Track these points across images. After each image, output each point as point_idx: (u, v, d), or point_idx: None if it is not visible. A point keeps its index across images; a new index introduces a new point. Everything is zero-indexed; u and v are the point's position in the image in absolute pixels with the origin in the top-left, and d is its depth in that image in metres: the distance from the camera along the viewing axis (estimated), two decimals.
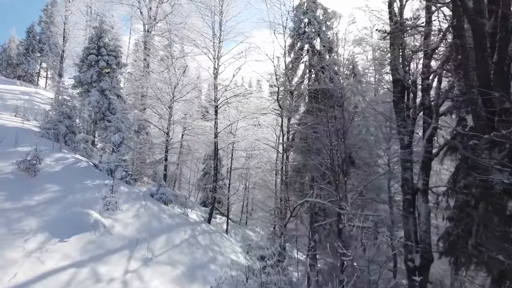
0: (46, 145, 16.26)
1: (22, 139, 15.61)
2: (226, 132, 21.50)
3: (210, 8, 21.34)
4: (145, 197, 15.93)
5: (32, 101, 29.69)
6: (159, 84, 23.70)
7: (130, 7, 28.58)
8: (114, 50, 23.68)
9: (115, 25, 25.90)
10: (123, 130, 17.45)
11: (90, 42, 23.48)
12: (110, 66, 23.17)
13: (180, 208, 17.56)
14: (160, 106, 22.60)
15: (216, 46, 20.72)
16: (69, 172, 14.53)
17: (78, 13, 34.77)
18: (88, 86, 22.73)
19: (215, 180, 20.56)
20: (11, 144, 14.58)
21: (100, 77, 22.95)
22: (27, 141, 15.62)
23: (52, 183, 12.78)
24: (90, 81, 22.61)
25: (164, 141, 21.39)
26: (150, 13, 26.06)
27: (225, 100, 20.76)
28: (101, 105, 22.22)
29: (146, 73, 24.92)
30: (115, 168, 16.74)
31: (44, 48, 57.73)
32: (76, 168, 15.40)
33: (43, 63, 59.43)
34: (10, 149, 14.28)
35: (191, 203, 21.42)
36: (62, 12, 32.57)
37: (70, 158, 16.10)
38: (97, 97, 22.13)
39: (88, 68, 22.89)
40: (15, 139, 14.98)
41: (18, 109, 23.71)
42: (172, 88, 20.94)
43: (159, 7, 26.39)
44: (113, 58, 23.42)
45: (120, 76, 24.33)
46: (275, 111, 20.96)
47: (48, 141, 17.30)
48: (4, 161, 12.81)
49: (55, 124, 18.57)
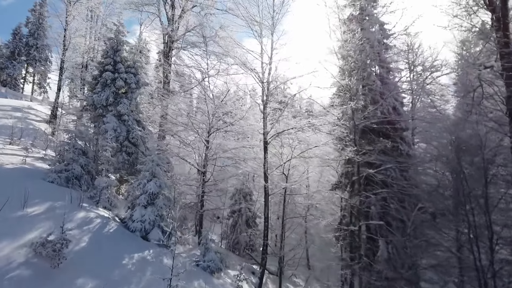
0: (60, 197, 12.28)
1: (29, 189, 11.66)
2: (278, 173, 17.75)
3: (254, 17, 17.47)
4: (192, 270, 12.12)
5: (26, 119, 25.39)
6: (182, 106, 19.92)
7: (147, 15, 24.63)
8: (133, 66, 19.78)
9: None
10: (160, 175, 13.56)
11: (105, 56, 19.47)
12: (128, 85, 19.26)
13: (231, 279, 13.72)
14: (187, 135, 18.74)
15: (266, 68, 16.97)
16: (100, 247, 10.58)
17: (78, 18, 30.55)
18: (102, 110, 18.72)
19: (265, 240, 16.16)
20: (17, 202, 10.54)
21: (117, 99, 18.99)
22: (38, 193, 11.72)
23: (84, 275, 8.83)
24: (105, 104, 18.63)
25: (198, 182, 17.44)
26: (173, 23, 22.12)
27: (275, 134, 16.91)
28: (119, 134, 18.27)
29: (166, 94, 21.01)
30: (151, 228, 12.94)
31: (31, 52, 53.18)
32: (106, 237, 11.44)
33: (29, 67, 54.68)
34: (18, 212, 10.30)
35: (225, 253, 17.52)
36: (63, 17, 28.32)
37: (94, 217, 12.11)
38: (114, 124, 18.18)
39: (102, 88, 18.90)
40: (21, 192, 10.98)
41: (13, 132, 19.55)
42: (209, 116, 17.04)
43: (183, 16, 22.47)
44: (132, 76, 19.51)
45: (139, 98, 20.37)
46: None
47: (60, 189, 13.30)
48: (13, 240, 8.84)
49: (68, 163, 14.54)
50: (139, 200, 13.11)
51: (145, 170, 13.64)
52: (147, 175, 13.50)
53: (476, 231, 10.82)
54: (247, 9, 17.52)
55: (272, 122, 16.94)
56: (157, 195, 13.31)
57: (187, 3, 22.54)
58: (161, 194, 13.45)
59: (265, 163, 16.45)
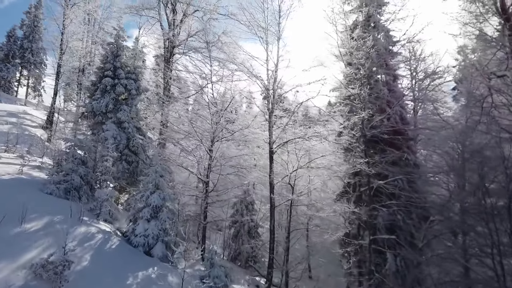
0: (59, 211, 11.71)
1: (27, 202, 11.08)
2: (284, 183, 17.16)
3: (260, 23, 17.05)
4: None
5: (22, 125, 24.67)
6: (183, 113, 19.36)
7: (147, 19, 24.07)
8: (134, 72, 19.22)
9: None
10: (164, 187, 12.99)
11: (105, 62, 18.88)
12: (129, 91, 18.68)
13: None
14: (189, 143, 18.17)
15: (272, 75, 16.49)
16: (103, 266, 10.00)
17: (76, 21, 29.87)
18: (102, 117, 18.12)
19: (272, 254, 15.49)
20: (15, 217, 9.93)
21: (117, 106, 18.40)
22: (36, 207, 11.17)
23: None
24: (105, 111, 18.03)
25: (200, 191, 16.87)
26: (174, 28, 21.58)
27: (282, 143, 16.40)
28: (119, 142, 17.66)
29: (167, 101, 20.45)
30: (155, 243, 12.38)
31: (26, 54, 52.29)
32: (109, 254, 10.86)
33: (24, 70, 53.74)
34: (15, 228, 9.73)
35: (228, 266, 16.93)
36: (60, 20, 27.62)
37: (96, 232, 11.51)
38: (113, 132, 17.59)
39: (102, 95, 18.30)
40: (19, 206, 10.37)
41: (8, 138, 18.86)
42: (213, 124, 16.48)
43: (184, 21, 21.93)
44: (132, 82, 18.93)
45: (140, 104, 19.80)
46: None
47: (59, 201, 12.71)
48: (11, 260, 8.27)
49: (66, 173, 13.94)
50: (142, 213, 12.54)
51: (148, 181, 13.07)
52: (150, 187, 12.94)
53: (500, 248, 10.35)
54: (252, 14, 17.11)
55: (279, 131, 16.41)
56: (161, 208, 12.74)
57: (188, 8, 22.04)
58: (164, 207, 12.87)
59: (271, 173, 15.90)
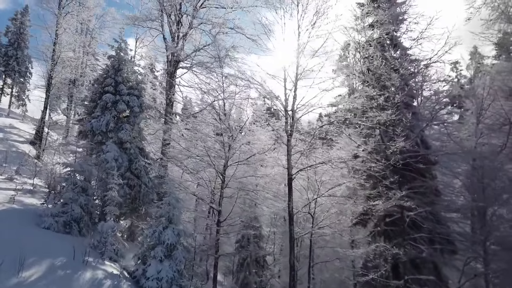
0: (60, 251, 10.21)
1: (24, 241, 9.57)
2: (304, 212, 15.78)
3: None
4: None
5: (9, 140, 22.90)
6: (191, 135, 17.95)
7: (144, 30, 22.74)
8: (137, 88, 17.74)
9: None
10: (178, 221, 11.53)
11: (105, 76, 17.37)
12: (131, 108, 17.20)
13: None
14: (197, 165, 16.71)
15: (290, 93, 15.28)
16: None
17: (69, 30, 28.34)
18: (102, 137, 16.55)
19: None
20: (11, 264, 8.40)
21: (118, 124, 16.89)
22: (34, 247, 9.77)
23: None
24: (105, 130, 16.46)
25: (210, 219, 15.41)
26: (178, 41, 20.24)
27: (301, 169, 15.06)
28: (120, 164, 16.10)
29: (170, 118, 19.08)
30: None
31: (10, 62, 50.04)
32: None
33: (7, 78, 51.36)
34: (12, 279, 8.27)
35: None
36: (52, 29, 25.96)
37: (103, 278, 9.97)
38: (114, 153, 16.02)
39: (102, 112, 16.71)
40: (15, 248, 8.85)
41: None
42: (225, 149, 15.08)
43: (190, 33, 20.64)
44: (135, 98, 17.42)
45: (142, 123, 18.35)
46: None
47: (58, 237, 11.18)
48: None
49: (65, 203, 12.37)
50: (155, 252, 11.01)
51: (160, 214, 11.58)
52: (163, 221, 11.44)
53: None
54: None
55: (298, 155, 15.10)
56: (175, 245, 11.27)
57: (193, 20, 20.75)
58: (179, 244, 11.41)
59: (290, 202, 14.49)
